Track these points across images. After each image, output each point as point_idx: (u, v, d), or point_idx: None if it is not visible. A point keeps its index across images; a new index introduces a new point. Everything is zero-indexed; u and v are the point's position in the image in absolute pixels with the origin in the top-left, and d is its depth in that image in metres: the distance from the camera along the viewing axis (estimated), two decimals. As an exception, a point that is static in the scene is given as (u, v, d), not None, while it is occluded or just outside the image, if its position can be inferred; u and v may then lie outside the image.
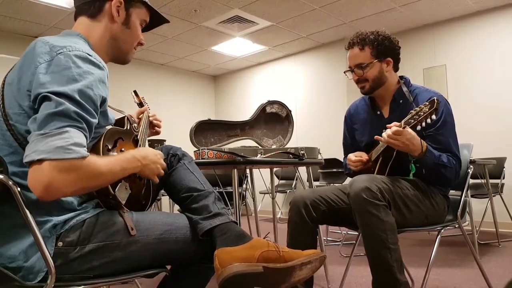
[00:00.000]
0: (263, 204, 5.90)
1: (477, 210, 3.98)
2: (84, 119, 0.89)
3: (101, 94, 0.96)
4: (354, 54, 1.74)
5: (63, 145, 0.83)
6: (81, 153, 0.86)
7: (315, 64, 5.99)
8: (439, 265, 2.74)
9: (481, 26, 4.60)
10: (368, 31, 1.73)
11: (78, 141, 0.86)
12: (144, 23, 1.20)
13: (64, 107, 0.86)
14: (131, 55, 1.19)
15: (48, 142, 0.82)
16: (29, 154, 0.83)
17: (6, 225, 0.94)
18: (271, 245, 1.08)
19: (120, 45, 1.14)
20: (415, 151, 1.52)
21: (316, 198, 1.65)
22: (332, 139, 4.91)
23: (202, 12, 4.55)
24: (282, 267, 1.05)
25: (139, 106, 1.54)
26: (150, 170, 1.09)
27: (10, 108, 0.94)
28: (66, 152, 0.83)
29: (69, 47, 0.94)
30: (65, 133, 0.84)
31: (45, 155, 0.81)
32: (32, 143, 0.84)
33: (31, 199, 0.91)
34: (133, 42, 1.17)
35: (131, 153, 1.05)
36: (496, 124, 4.41)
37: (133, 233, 1.01)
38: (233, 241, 1.08)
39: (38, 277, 0.92)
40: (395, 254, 1.38)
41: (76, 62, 0.92)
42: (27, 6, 4.20)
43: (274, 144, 2.37)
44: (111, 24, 1.11)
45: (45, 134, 0.83)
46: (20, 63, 0.99)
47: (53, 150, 0.82)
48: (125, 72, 6.06)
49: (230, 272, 1.00)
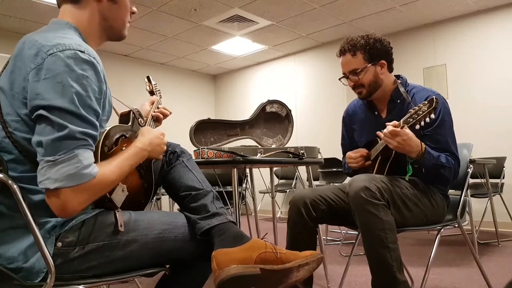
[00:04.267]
0: (263, 203, 5.91)
1: (477, 210, 3.98)
2: (89, 135, 0.90)
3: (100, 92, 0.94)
4: (347, 61, 1.74)
5: (74, 172, 0.86)
6: (92, 174, 0.88)
7: (315, 64, 5.99)
8: (439, 265, 2.74)
9: (481, 26, 4.60)
10: (358, 35, 1.72)
11: (87, 163, 0.88)
12: None
13: (68, 131, 0.86)
14: (125, 30, 1.15)
15: (59, 170, 0.85)
16: (43, 182, 0.85)
17: (5, 226, 0.94)
18: (268, 246, 1.08)
19: (112, 24, 1.10)
20: (412, 152, 1.52)
21: (315, 198, 1.65)
22: (332, 139, 4.91)
23: (202, 11, 4.55)
24: (279, 269, 1.05)
25: (150, 94, 1.52)
26: (156, 152, 1.15)
27: (7, 115, 0.93)
28: (79, 179, 0.86)
29: (58, 46, 0.90)
30: (74, 157, 0.86)
31: (59, 184, 0.85)
32: (43, 169, 0.85)
33: (31, 200, 0.91)
34: (124, 16, 1.12)
35: (136, 145, 1.08)
36: (496, 123, 4.41)
37: (121, 230, 1.01)
38: (231, 242, 1.08)
39: (38, 278, 0.92)
40: (394, 254, 1.38)
41: (69, 64, 0.88)
42: (27, 4, 4.20)
43: (274, 144, 2.37)
44: (98, 5, 1.06)
45: (55, 161, 0.85)
46: (11, 67, 0.96)
47: (66, 179, 0.85)
48: (125, 71, 6.08)
49: (227, 274, 1.00)
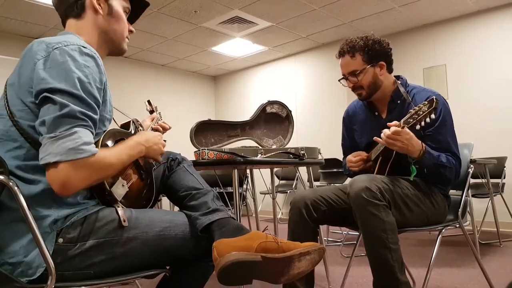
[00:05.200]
0: (264, 204, 5.90)
1: (478, 210, 3.97)
2: (89, 116, 0.95)
3: (100, 82, 1.01)
4: (346, 62, 1.74)
5: (74, 146, 0.90)
6: (91, 151, 0.92)
7: (315, 64, 5.99)
8: (440, 265, 2.74)
9: (481, 26, 4.60)
10: (357, 37, 1.72)
11: (86, 140, 0.92)
12: (128, 10, 1.23)
13: (69, 109, 0.92)
14: (125, 44, 1.22)
15: (60, 145, 0.89)
16: (44, 157, 0.90)
17: (7, 219, 0.95)
18: (269, 237, 1.08)
19: (111, 36, 1.17)
20: (413, 152, 1.52)
21: (316, 198, 1.65)
22: (332, 139, 4.90)
23: (202, 13, 4.55)
24: (280, 257, 1.04)
25: (151, 114, 1.56)
26: (154, 151, 1.17)
27: (14, 105, 0.98)
28: (78, 153, 0.90)
29: (63, 42, 0.99)
30: (74, 134, 0.91)
31: (59, 157, 0.89)
32: (45, 146, 0.90)
33: (33, 192, 0.94)
34: (122, 30, 1.20)
35: (134, 139, 1.11)
36: (496, 123, 4.40)
37: (125, 225, 1.02)
38: (231, 234, 1.08)
39: (37, 272, 0.92)
40: (395, 254, 1.38)
41: (72, 55, 0.97)
42: (28, 7, 4.21)
43: (274, 144, 2.37)
44: (97, 18, 1.14)
45: (55, 137, 0.90)
46: (19, 64, 1.03)
47: (66, 152, 0.89)
48: (125, 73, 6.08)
49: (228, 260, 0.99)
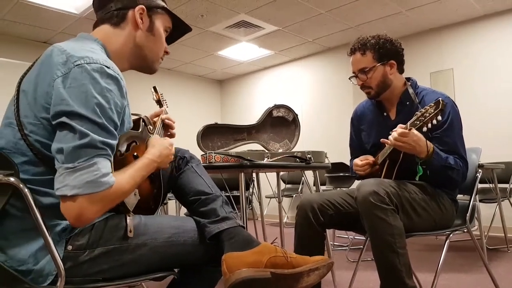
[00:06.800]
0: (269, 208, 5.89)
1: (485, 215, 3.94)
2: (108, 144, 0.91)
3: (121, 106, 0.97)
4: (357, 59, 1.74)
5: (93, 179, 0.86)
6: (109, 183, 0.89)
7: (321, 68, 5.99)
8: (447, 270, 2.72)
9: (488, 30, 4.58)
10: (369, 35, 1.73)
11: (105, 172, 0.89)
12: (168, 29, 1.21)
13: (89, 139, 0.87)
14: (157, 64, 1.19)
15: (77, 177, 0.85)
16: (61, 188, 0.86)
17: (16, 228, 0.94)
18: (279, 250, 1.08)
19: (146, 53, 1.14)
20: (421, 152, 1.52)
21: (323, 202, 1.65)
22: (339, 143, 4.90)
23: (208, 17, 4.58)
24: (290, 273, 1.05)
25: (157, 103, 1.53)
26: (164, 163, 1.15)
27: (25, 117, 0.94)
28: (96, 186, 0.87)
29: (86, 58, 0.93)
30: (94, 165, 0.87)
31: (77, 190, 0.85)
32: (61, 176, 0.86)
33: (41, 203, 0.92)
34: (158, 50, 1.17)
35: (146, 157, 1.07)
36: (504, 128, 4.37)
37: (130, 235, 1.01)
38: (240, 246, 1.08)
39: (47, 280, 0.92)
40: (403, 259, 1.37)
41: (94, 77, 0.91)
42: (36, 11, 4.26)
43: (280, 148, 2.37)
44: (135, 32, 1.11)
45: (74, 168, 0.86)
46: (36, 71, 0.98)
47: (84, 186, 0.85)
48: (132, 77, 6.10)
49: (238, 277, 1.00)
